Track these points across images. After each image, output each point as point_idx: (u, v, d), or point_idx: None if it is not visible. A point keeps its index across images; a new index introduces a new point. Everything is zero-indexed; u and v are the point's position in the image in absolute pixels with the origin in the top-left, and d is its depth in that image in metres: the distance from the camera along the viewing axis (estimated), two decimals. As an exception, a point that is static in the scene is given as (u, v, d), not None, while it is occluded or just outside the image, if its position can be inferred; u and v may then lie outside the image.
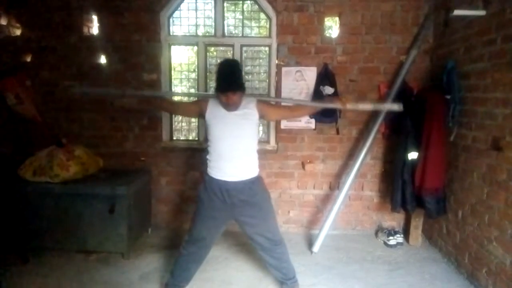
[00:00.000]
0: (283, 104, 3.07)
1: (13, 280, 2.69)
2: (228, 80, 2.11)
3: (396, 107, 2.49)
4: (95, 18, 3.51)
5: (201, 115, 2.31)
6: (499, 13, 2.43)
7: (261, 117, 2.31)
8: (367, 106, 2.63)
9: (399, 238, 3.40)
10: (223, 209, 2.27)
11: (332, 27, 3.68)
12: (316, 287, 2.70)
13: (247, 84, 3.74)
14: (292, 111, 2.49)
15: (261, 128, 4.10)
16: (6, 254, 3.00)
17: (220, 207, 2.26)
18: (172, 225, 3.74)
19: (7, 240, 3.03)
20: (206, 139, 2.31)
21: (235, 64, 2.20)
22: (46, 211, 2.98)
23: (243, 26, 3.71)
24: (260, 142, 3.70)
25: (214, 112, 2.23)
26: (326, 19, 3.47)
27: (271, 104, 2.35)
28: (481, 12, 2.59)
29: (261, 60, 3.84)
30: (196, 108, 2.34)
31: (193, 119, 3.97)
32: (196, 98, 2.58)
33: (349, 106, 2.38)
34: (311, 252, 3.20)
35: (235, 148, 2.20)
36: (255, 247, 2.44)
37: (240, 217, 2.32)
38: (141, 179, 3.34)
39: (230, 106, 2.16)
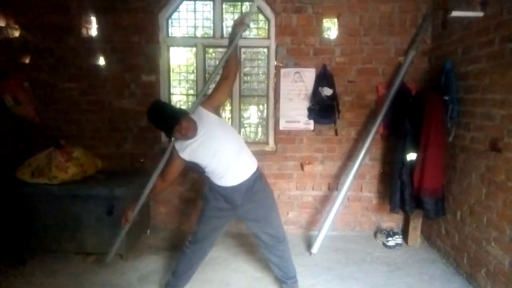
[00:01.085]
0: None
1: (10, 281, 2.68)
2: (167, 118, 2.06)
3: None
4: (93, 19, 3.51)
5: (183, 161, 2.23)
6: (497, 14, 2.44)
7: (216, 110, 2.23)
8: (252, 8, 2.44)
9: (398, 239, 3.40)
10: (228, 209, 2.31)
11: (331, 28, 3.69)
12: (315, 288, 2.71)
13: (246, 86, 3.79)
14: (226, 78, 2.23)
15: (259, 129, 4.11)
16: (4, 255, 2.99)
17: (225, 208, 2.30)
18: (170, 227, 3.74)
19: (5, 242, 3.03)
20: (201, 169, 2.28)
21: (157, 106, 2.13)
22: (44, 213, 2.97)
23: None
24: (259, 143, 3.72)
25: (185, 149, 2.16)
26: (324, 20, 3.48)
27: (211, 95, 2.23)
28: (479, 14, 2.60)
29: (259, 62, 3.85)
30: (176, 161, 2.23)
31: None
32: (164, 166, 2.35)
33: (246, 19, 2.20)
34: (310, 253, 3.19)
35: (226, 158, 2.17)
36: (259, 243, 2.47)
37: (244, 214, 2.35)
38: (139, 181, 3.31)
39: (189, 133, 2.08)
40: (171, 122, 2.03)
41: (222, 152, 2.16)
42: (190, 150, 2.16)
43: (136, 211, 2.30)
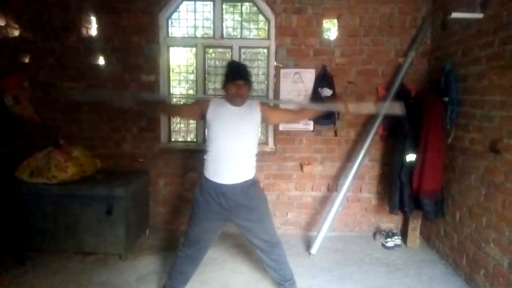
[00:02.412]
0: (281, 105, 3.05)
1: (9, 282, 2.67)
2: (239, 70, 2.20)
3: (398, 109, 2.44)
4: (93, 19, 3.51)
5: (202, 116, 2.30)
6: (497, 16, 2.44)
7: (263, 119, 2.32)
8: (369, 108, 2.56)
9: (397, 240, 3.40)
10: (220, 212, 2.26)
11: (331, 29, 3.70)
12: (314, 289, 2.70)
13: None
14: (295, 114, 2.48)
15: (259, 129, 4.10)
16: (3, 255, 2.99)
17: (217, 210, 2.25)
18: (170, 227, 3.73)
19: (4, 241, 3.02)
20: (205, 140, 2.30)
21: (244, 64, 2.30)
22: (43, 212, 2.97)
23: (241, 28, 3.72)
24: (259, 143, 3.70)
25: (216, 110, 2.24)
26: (324, 21, 3.48)
27: (273, 107, 2.36)
28: (479, 15, 2.60)
29: (259, 62, 3.85)
30: (197, 109, 2.33)
31: (191, 120, 3.96)
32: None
33: (351, 108, 2.39)
34: (309, 254, 3.20)
35: (234, 149, 2.19)
36: (254, 248, 2.44)
37: (237, 220, 2.31)
38: (139, 181, 3.34)
39: (237, 98, 2.18)
40: (241, 74, 2.18)
41: (235, 141, 2.18)
42: (218, 113, 2.22)
43: (132, 99, 2.38)
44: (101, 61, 3.53)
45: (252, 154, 2.29)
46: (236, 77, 2.16)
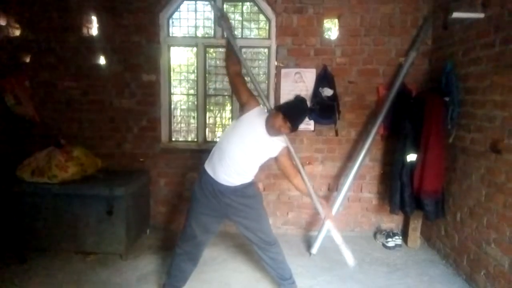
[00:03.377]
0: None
1: (10, 280, 2.68)
2: (296, 114, 2.15)
3: (350, 260, 2.50)
4: (94, 19, 3.51)
5: (242, 107, 2.29)
6: (498, 15, 2.44)
7: (276, 159, 2.32)
8: (336, 237, 2.51)
9: (398, 240, 3.40)
10: (217, 208, 2.29)
11: (331, 29, 3.69)
12: (314, 289, 2.70)
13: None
14: (295, 177, 2.37)
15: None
16: (4, 254, 2.99)
17: (214, 205, 2.28)
18: (170, 226, 3.74)
19: (5, 240, 3.03)
20: (225, 133, 2.32)
21: (307, 109, 2.27)
22: (44, 212, 2.97)
23: (242, 28, 3.72)
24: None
25: (253, 118, 2.22)
26: (325, 21, 3.48)
27: (290, 157, 2.35)
28: (480, 15, 2.60)
29: (260, 62, 3.85)
30: (248, 98, 2.27)
31: (192, 120, 3.97)
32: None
33: (328, 223, 2.47)
34: (310, 253, 3.20)
35: (238, 161, 2.19)
36: (252, 246, 2.47)
37: (234, 217, 2.34)
38: (139, 180, 3.34)
39: (274, 130, 2.15)
40: (296, 121, 2.15)
41: (243, 154, 2.18)
42: (252, 121, 2.20)
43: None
44: (101, 60, 3.53)
45: (251, 172, 2.31)
46: (290, 116, 2.11)
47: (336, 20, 3.50)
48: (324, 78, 3.39)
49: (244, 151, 2.19)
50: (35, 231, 3.00)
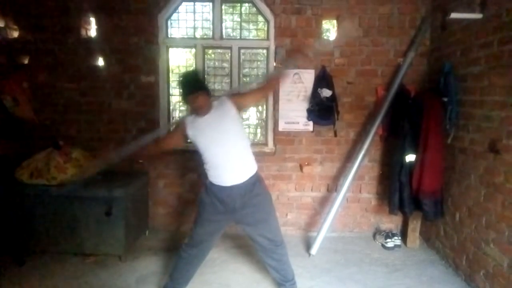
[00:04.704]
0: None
1: (9, 283, 2.67)
2: (189, 84, 2.19)
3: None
4: (93, 20, 3.51)
5: (185, 138, 2.32)
6: (496, 16, 2.44)
7: (239, 108, 2.31)
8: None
9: (397, 241, 3.40)
10: (225, 213, 2.28)
11: (330, 30, 3.70)
12: (314, 290, 2.70)
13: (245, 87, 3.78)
14: (262, 89, 2.46)
15: (258, 130, 4.11)
16: (2, 256, 2.98)
17: (222, 211, 2.27)
18: (169, 228, 3.73)
19: (3, 243, 3.02)
20: (199, 154, 2.30)
21: (193, 71, 2.30)
22: (43, 214, 2.96)
23: (241, 29, 3.72)
24: (258, 144, 3.72)
25: (193, 126, 2.24)
26: (323, 22, 3.48)
27: (241, 94, 2.37)
28: (478, 15, 2.60)
29: (259, 63, 3.85)
30: (178, 134, 2.34)
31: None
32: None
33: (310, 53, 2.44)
34: (309, 254, 3.19)
35: (227, 151, 2.19)
36: (256, 247, 2.45)
37: (242, 218, 2.32)
38: (138, 182, 3.33)
39: (199, 109, 2.18)
40: (192, 88, 2.16)
41: (224, 142, 2.18)
42: (196, 128, 2.23)
43: (117, 156, 2.35)
44: (100, 62, 3.53)
45: (246, 147, 2.30)
46: (189, 91, 2.16)
47: (334, 21, 3.50)
48: (322, 79, 3.40)
49: (222, 141, 2.19)
50: (34, 233, 2.99)
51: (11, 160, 3.20)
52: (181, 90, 2.24)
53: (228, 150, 2.19)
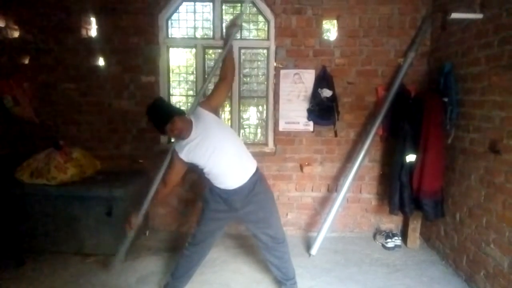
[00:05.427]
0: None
1: (9, 282, 2.67)
2: (159, 115, 2.10)
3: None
4: (93, 20, 3.51)
5: (182, 165, 2.27)
6: (496, 16, 2.44)
7: (215, 111, 2.26)
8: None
9: (397, 241, 3.40)
10: (228, 211, 2.32)
11: (330, 30, 3.70)
12: (314, 290, 2.70)
13: (245, 87, 3.79)
14: (223, 80, 2.30)
15: (259, 130, 4.11)
16: (2, 256, 2.98)
17: (225, 210, 2.31)
18: (170, 228, 3.73)
19: (4, 242, 3.02)
20: (201, 170, 2.29)
21: (156, 102, 2.16)
22: (43, 214, 2.97)
23: (241, 29, 3.72)
24: (258, 144, 3.72)
25: (184, 150, 2.18)
26: (324, 22, 3.48)
27: (209, 96, 2.31)
28: (478, 16, 2.60)
29: (259, 63, 3.85)
30: (178, 163, 2.27)
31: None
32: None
33: (238, 20, 2.30)
34: (309, 254, 3.19)
35: (223, 159, 2.18)
36: (258, 245, 2.47)
37: (244, 216, 2.35)
38: (138, 182, 3.33)
39: (182, 132, 2.11)
40: (164, 119, 2.07)
41: (220, 152, 2.16)
42: (187, 150, 2.17)
43: (140, 217, 2.30)
44: (100, 62, 3.53)
45: (240, 147, 2.28)
46: (163, 122, 2.07)
47: (334, 21, 3.51)
48: (323, 79, 3.40)
49: (213, 152, 2.15)
50: (34, 233, 3.00)
51: (12, 160, 3.20)
52: (155, 125, 2.14)
53: (225, 158, 2.19)
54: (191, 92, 3.88)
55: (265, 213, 2.35)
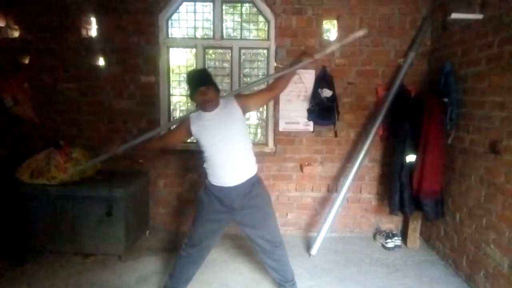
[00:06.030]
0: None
1: (9, 283, 2.67)
2: (199, 78, 2.18)
3: (361, 32, 2.30)
4: (93, 20, 3.51)
5: (189, 134, 2.31)
6: (496, 17, 2.44)
7: (244, 110, 2.28)
8: (333, 47, 2.43)
9: (397, 241, 3.40)
10: (224, 212, 2.28)
11: (330, 30, 3.70)
12: (314, 290, 2.70)
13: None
14: (269, 90, 2.40)
15: (259, 130, 4.11)
16: (3, 256, 2.98)
17: (221, 210, 2.27)
18: (170, 228, 3.73)
19: (4, 242, 3.02)
20: (200, 152, 2.30)
21: (202, 69, 2.28)
22: (43, 213, 2.96)
23: (241, 29, 3.72)
24: (259, 144, 3.72)
25: (198, 123, 2.23)
26: (324, 22, 3.48)
27: (248, 95, 2.34)
28: (478, 16, 2.60)
29: (259, 63, 3.85)
30: (182, 130, 2.33)
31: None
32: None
33: (317, 55, 2.32)
34: (309, 254, 3.19)
35: (228, 151, 2.19)
36: (255, 248, 2.44)
37: (241, 219, 2.32)
38: (138, 181, 3.34)
39: (208, 104, 2.16)
40: (203, 80, 2.16)
41: (227, 143, 2.18)
42: (200, 125, 2.22)
43: (121, 149, 2.34)
44: (101, 62, 3.53)
45: (247, 150, 2.29)
46: (197, 85, 2.14)
47: (335, 21, 3.51)
48: (323, 79, 3.40)
49: (224, 140, 2.18)
50: (34, 233, 3.00)
51: (12, 160, 3.21)
52: (189, 85, 2.21)
53: (230, 150, 2.19)
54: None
55: (263, 216, 2.32)
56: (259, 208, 2.30)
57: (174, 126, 2.37)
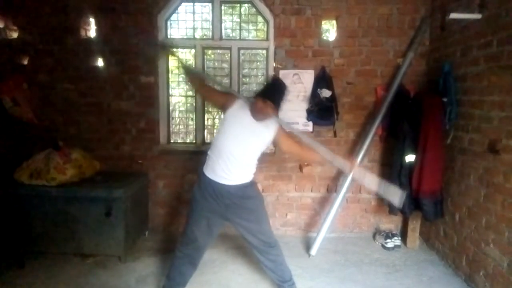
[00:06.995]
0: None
1: (8, 284, 2.67)
2: (274, 92, 2.22)
3: (397, 197, 2.21)
4: (92, 20, 3.50)
5: (224, 108, 2.32)
6: (495, 16, 2.45)
7: (275, 142, 2.35)
8: (372, 182, 2.30)
9: (397, 241, 3.40)
10: (217, 210, 2.28)
11: (329, 30, 3.70)
12: (313, 290, 2.70)
13: (244, 87, 3.79)
14: (302, 151, 2.42)
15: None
16: (2, 258, 2.98)
17: (214, 207, 2.28)
18: (169, 228, 3.73)
19: (3, 244, 3.01)
20: (216, 134, 2.35)
21: (284, 86, 2.30)
22: (43, 215, 2.96)
23: (240, 29, 3.72)
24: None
25: (238, 111, 2.26)
26: (323, 22, 3.48)
27: (288, 135, 2.38)
28: (477, 16, 2.61)
29: (258, 63, 3.85)
30: (224, 99, 2.35)
31: (190, 122, 3.97)
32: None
33: (355, 173, 2.30)
34: (309, 255, 3.19)
35: (235, 154, 2.20)
36: (252, 249, 2.46)
37: (234, 218, 2.33)
38: (138, 182, 3.33)
39: (258, 114, 2.18)
40: (273, 96, 2.19)
41: (240, 148, 2.20)
42: (237, 116, 2.25)
43: (169, 44, 2.61)
44: (100, 62, 3.53)
45: (252, 165, 2.32)
46: (268, 94, 2.18)
47: (334, 22, 3.51)
48: (322, 79, 3.40)
49: (240, 143, 2.20)
50: (33, 234, 2.99)
51: (11, 161, 3.20)
52: (265, 89, 2.26)
53: (236, 154, 2.20)
54: (190, 93, 3.87)
55: (256, 216, 2.35)
56: (252, 210, 2.33)
57: (223, 91, 2.50)
